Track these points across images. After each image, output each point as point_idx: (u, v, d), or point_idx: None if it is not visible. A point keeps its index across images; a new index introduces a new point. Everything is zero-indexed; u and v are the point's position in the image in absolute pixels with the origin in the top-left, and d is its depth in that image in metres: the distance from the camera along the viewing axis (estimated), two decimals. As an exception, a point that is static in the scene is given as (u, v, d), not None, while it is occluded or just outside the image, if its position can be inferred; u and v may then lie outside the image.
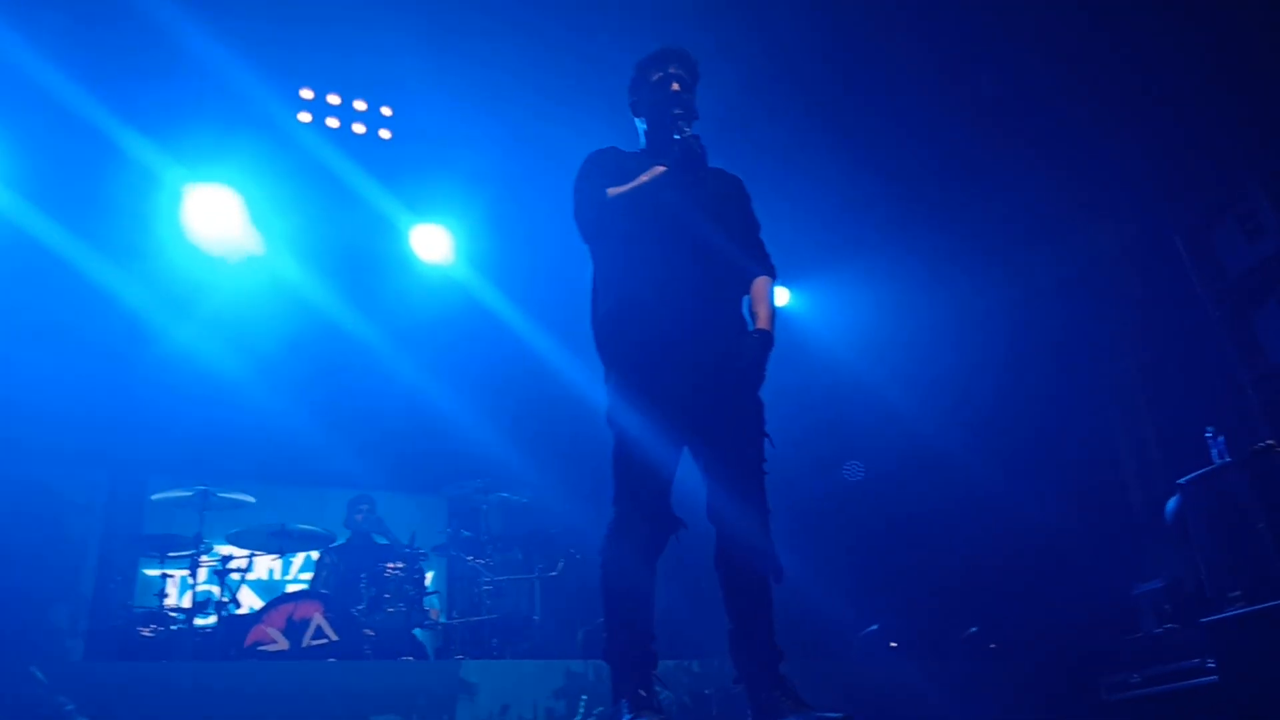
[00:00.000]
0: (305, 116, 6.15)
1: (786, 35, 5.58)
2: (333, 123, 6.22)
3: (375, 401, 7.55)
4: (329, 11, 5.37)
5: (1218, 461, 4.67)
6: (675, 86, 3.19)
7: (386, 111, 6.26)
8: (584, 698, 4.57)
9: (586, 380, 6.68)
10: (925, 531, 7.34)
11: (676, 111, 3.14)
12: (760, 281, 3.21)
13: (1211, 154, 5.12)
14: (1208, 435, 4.76)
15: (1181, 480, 4.86)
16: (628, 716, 2.68)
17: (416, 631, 6.09)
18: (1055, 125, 5.96)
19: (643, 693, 2.73)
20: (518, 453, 7.39)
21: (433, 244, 7.08)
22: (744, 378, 3.07)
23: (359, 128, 6.29)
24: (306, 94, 6.09)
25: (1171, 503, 5.06)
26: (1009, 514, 6.91)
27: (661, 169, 3.04)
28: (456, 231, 7.08)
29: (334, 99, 6.17)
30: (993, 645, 6.33)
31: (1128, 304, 6.66)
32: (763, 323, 3.09)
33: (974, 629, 6.40)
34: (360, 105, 6.22)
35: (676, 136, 3.06)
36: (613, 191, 3.05)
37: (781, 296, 8.06)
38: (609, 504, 2.97)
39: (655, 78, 3.23)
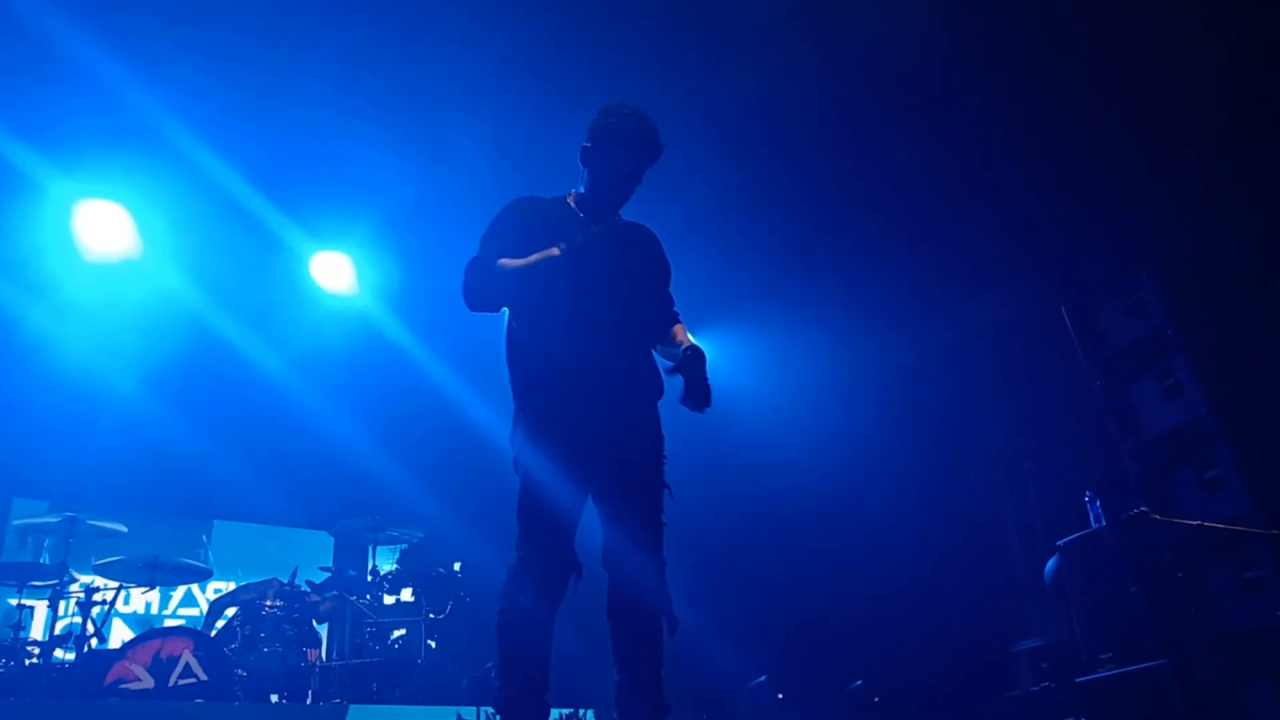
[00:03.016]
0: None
1: (690, 99, 5.66)
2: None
3: (263, 431, 7.29)
4: (229, 26, 5.21)
5: (1095, 525, 4.87)
6: (622, 170, 3.12)
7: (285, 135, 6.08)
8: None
9: (488, 419, 6.62)
10: (813, 586, 7.43)
11: (607, 197, 3.14)
12: (677, 325, 3.30)
13: (1098, 233, 5.40)
14: (1086, 499, 4.96)
15: (1060, 542, 5.04)
16: (514, 768, 2.62)
17: (295, 672, 5.83)
18: (951, 197, 6.19)
19: (531, 742, 2.67)
20: (412, 491, 7.22)
21: (334, 272, 6.90)
22: (648, 428, 3.08)
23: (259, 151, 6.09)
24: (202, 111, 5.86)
25: (1050, 563, 5.24)
26: (896, 571, 7.05)
27: (555, 252, 2.95)
28: (359, 260, 6.93)
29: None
30: (876, 699, 6.41)
31: (1014, 372, 6.93)
32: (688, 341, 3.17)
33: (859, 682, 6.48)
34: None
35: (591, 228, 3.00)
36: (505, 263, 3.00)
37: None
38: (512, 546, 2.92)
39: (613, 154, 3.11)
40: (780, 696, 6.39)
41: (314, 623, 6.16)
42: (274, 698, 5.54)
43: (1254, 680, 4.02)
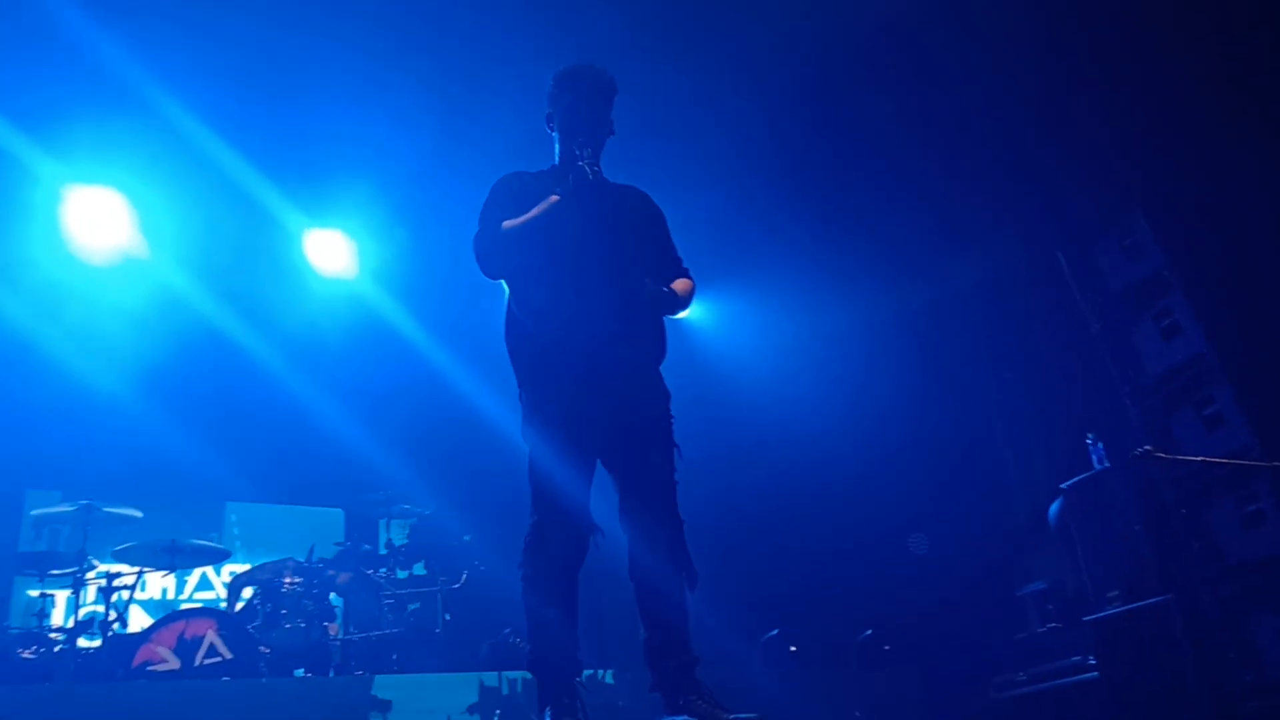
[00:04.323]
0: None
1: (690, 57, 5.64)
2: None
3: (271, 412, 7.31)
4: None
5: (1098, 467, 4.94)
6: (584, 111, 3.23)
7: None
8: (498, 711, 4.54)
9: (492, 394, 6.67)
10: (821, 538, 7.50)
11: (580, 139, 3.18)
12: (681, 280, 3.34)
13: (1096, 177, 5.42)
14: (1088, 442, 5.03)
15: (1064, 485, 5.12)
16: (550, 724, 2.71)
17: (318, 647, 5.92)
18: (947, 146, 6.20)
19: (565, 699, 2.76)
20: (422, 465, 7.27)
21: (333, 251, 6.91)
22: (652, 388, 3.13)
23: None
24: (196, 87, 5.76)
25: (1054, 506, 5.32)
26: (902, 520, 7.14)
27: (555, 198, 3.07)
28: (358, 236, 6.93)
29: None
30: (887, 647, 6.52)
31: (1014, 318, 6.97)
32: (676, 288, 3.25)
33: (869, 632, 6.59)
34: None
35: (578, 163, 3.10)
36: (508, 224, 3.08)
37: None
38: (525, 514, 2.99)
39: (566, 100, 3.26)
40: (793, 649, 6.50)
41: (330, 597, 6.25)
42: (298, 673, 5.63)
43: (1259, 611, 4.10)
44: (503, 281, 3.21)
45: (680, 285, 3.30)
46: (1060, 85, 5.37)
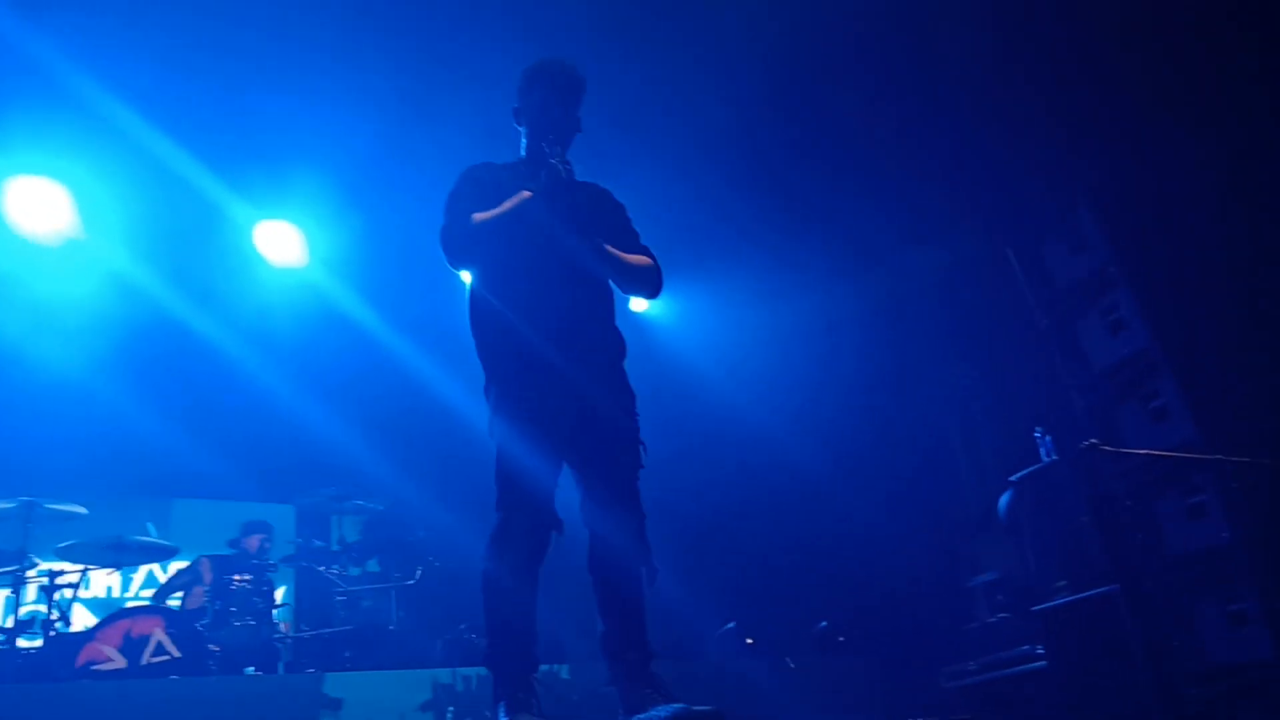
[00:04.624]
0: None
1: (651, 50, 5.63)
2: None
3: (218, 406, 7.20)
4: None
5: (1046, 459, 5.02)
6: (554, 108, 3.23)
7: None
8: (451, 709, 4.50)
9: (449, 387, 6.62)
10: (776, 531, 7.57)
11: (550, 136, 3.17)
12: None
13: (1042, 175, 5.50)
14: (1037, 435, 5.11)
15: (1013, 477, 5.20)
16: (504, 718, 2.69)
17: (268, 645, 5.84)
18: (908, 142, 6.25)
19: (521, 695, 2.74)
20: (375, 460, 7.20)
21: (282, 242, 6.79)
22: (618, 386, 3.13)
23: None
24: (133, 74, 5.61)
25: (1004, 498, 5.40)
26: (855, 514, 7.21)
27: (527, 194, 3.05)
28: (307, 226, 6.82)
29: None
30: (841, 638, 6.59)
31: (964, 314, 7.06)
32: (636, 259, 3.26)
33: (824, 624, 6.65)
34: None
35: (550, 161, 3.07)
36: (478, 217, 3.06)
37: (640, 303, 8.12)
38: (488, 510, 2.98)
39: (537, 96, 3.25)
40: (749, 641, 6.54)
41: (280, 594, 6.18)
42: (248, 671, 5.55)
43: (1202, 601, 4.20)
44: (466, 273, 3.19)
45: (636, 258, 3.28)
46: (1012, 83, 5.43)
